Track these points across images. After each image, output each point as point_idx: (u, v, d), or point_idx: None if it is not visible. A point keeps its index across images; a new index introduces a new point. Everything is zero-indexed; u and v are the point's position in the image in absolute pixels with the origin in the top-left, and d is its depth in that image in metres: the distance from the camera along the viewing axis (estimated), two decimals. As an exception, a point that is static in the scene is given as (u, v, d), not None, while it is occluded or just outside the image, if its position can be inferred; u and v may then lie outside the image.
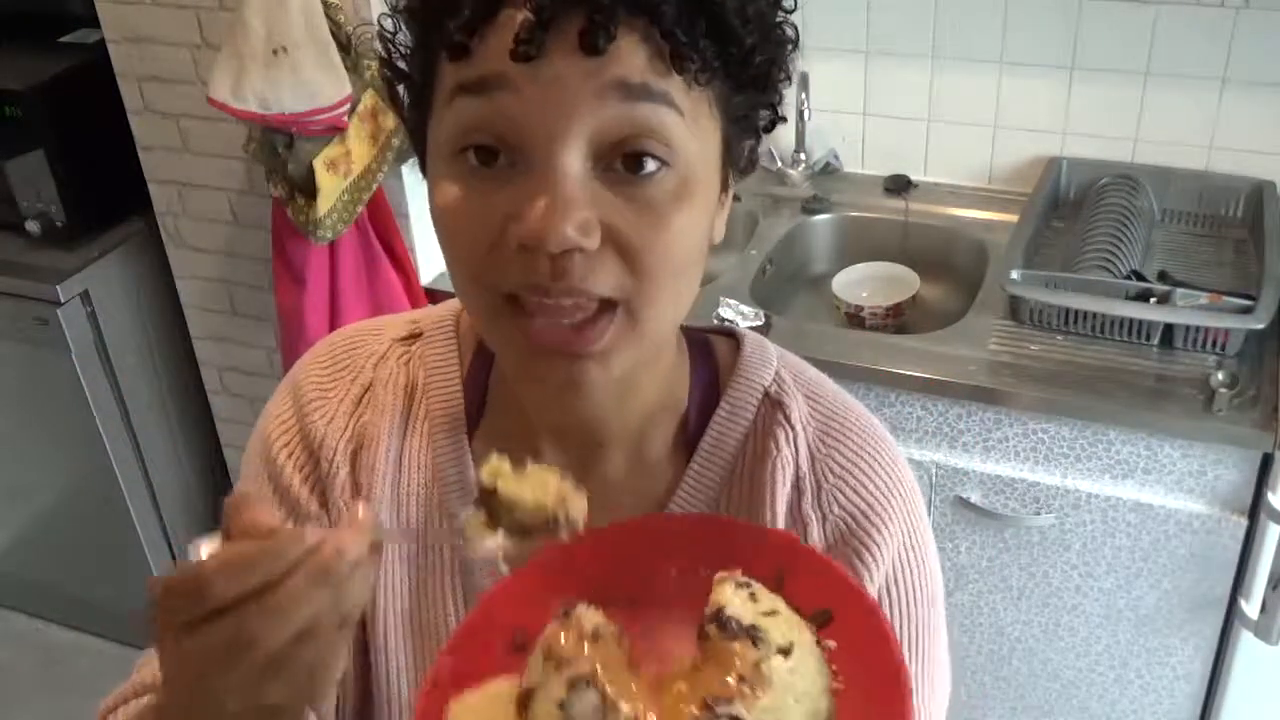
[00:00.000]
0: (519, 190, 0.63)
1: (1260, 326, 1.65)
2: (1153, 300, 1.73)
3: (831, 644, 0.64)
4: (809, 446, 0.79)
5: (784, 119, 0.74)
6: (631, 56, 0.62)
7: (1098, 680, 1.88)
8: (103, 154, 2.46)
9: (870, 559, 0.77)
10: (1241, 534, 1.67)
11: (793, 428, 0.78)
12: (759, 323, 1.84)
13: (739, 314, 1.85)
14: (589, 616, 0.65)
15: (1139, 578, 1.76)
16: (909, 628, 0.79)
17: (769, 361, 0.82)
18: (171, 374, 2.71)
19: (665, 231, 0.64)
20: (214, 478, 2.78)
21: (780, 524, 0.77)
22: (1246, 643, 1.73)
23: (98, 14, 2.32)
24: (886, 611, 0.77)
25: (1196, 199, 2.01)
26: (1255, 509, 1.66)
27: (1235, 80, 1.93)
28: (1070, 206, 2.07)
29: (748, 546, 0.68)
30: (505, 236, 0.63)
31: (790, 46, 0.70)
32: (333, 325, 2.13)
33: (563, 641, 0.64)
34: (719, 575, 0.64)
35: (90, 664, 2.79)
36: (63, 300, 2.38)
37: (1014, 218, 1.99)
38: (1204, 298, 1.72)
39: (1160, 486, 1.69)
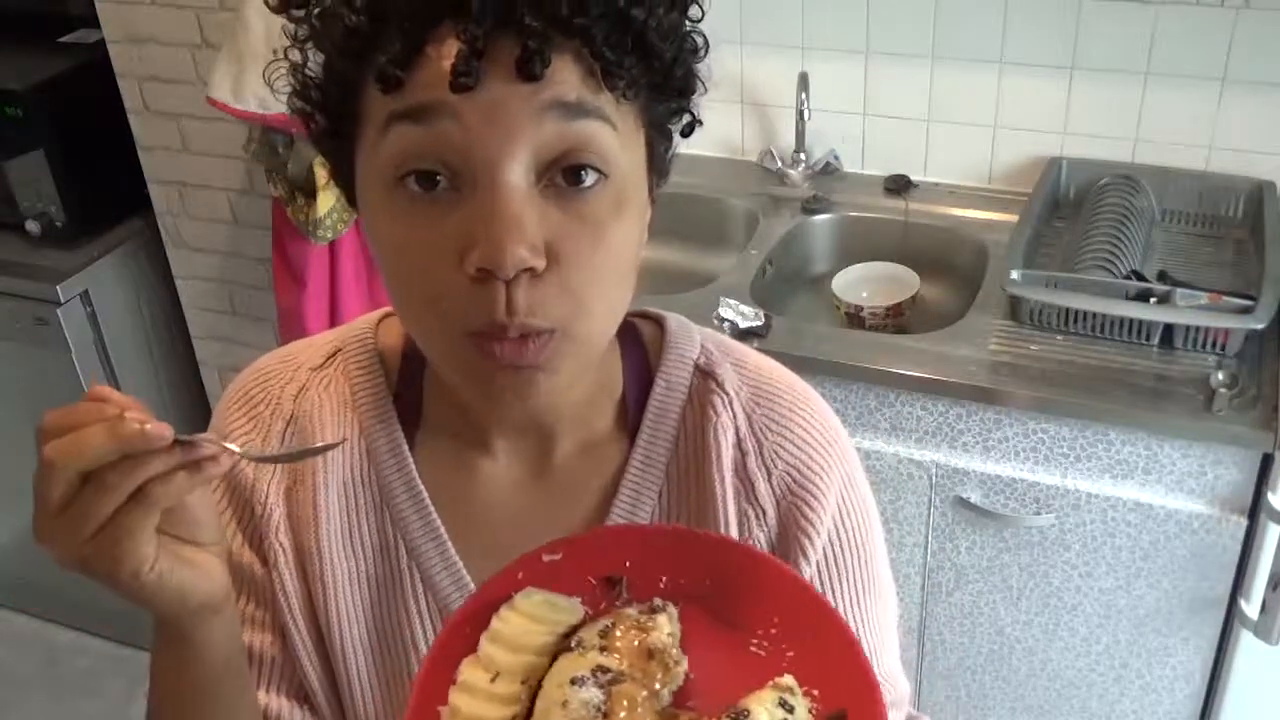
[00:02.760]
0: (466, 215, 0.64)
1: (1260, 326, 1.65)
2: (1153, 300, 1.73)
3: None
4: (744, 409, 0.83)
5: (700, 123, 0.77)
6: (566, 76, 0.64)
7: (1097, 680, 1.88)
8: (103, 154, 2.47)
9: (818, 506, 0.82)
10: (1241, 534, 1.67)
11: (727, 393, 0.83)
12: (759, 323, 1.84)
13: (739, 314, 1.85)
14: (662, 635, 0.66)
15: (1139, 578, 1.76)
16: (856, 561, 0.85)
17: (693, 338, 0.86)
18: (171, 374, 2.71)
19: (604, 245, 0.67)
20: (214, 478, 2.78)
21: (728, 483, 0.81)
22: (1246, 643, 1.73)
23: (98, 14, 2.33)
24: (836, 550, 0.83)
25: (1196, 199, 2.01)
26: (1255, 509, 1.66)
27: (1235, 80, 1.93)
28: (1070, 206, 2.07)
29: (842, 667, 0.66)
30: (459, 265, 0.64)
31: (701, 54, 0.73)
32: (332, 325, 2.13)
33: (622, 630, 0.65)
34: (781, 681, 0.65)
35: (90, 664, 2.79)
36: (63, 300, 2.38)
37: (1014, 218, 1.99)
38: (1204, 298, 1.72)
39: (1160, 486, 1.69)
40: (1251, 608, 1.70)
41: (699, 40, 0.73)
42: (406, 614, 0.82)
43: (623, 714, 0.61)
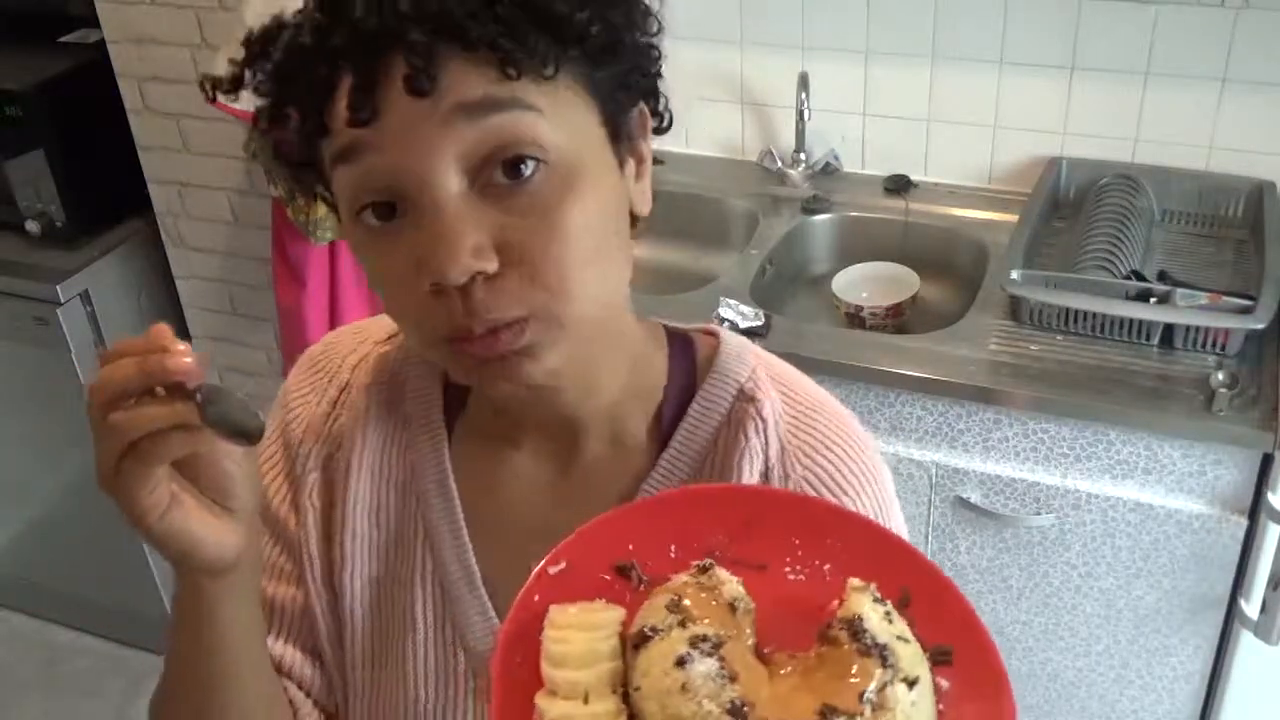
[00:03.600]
0: (414, 237, 0.66)
1: (1260, 326, 1.65)
2: (1153, 300, 1.73)
3: (944, 683, 0.62)
4: (779, 439, 0.81)
5: (659, 75, 0.75)
6: (463, 79, 0.64)
7: (1097, 680, 1.88)
8: (103, 154, 2.46)
9: None
10: (1241, 534, 1.67)
11: (764, 420, 0.81)
12: (759, 323, 1.84)
13: (739, 314, 1.85)
14: (731, 586, 0.64)
15: (1139, 578, 1.76)
16: None
17: (746, 360, 0.84)
18: (171, 374, 2.71)
19: (559, 230, 0.67)
20: (214, 478, 2.79)
21: None
22: (1246, 643, 1.73)
23: (98, 14, 2.33)
24: None
25: (1196, 199, 2.01)
26: (1255, 509, 1.66)
27: (1235, 80, 1.93)
28: (1070, 206, 2.07)
29: (877, 552, 0.67)
30: (418, 283, 0.66)
31: (638, 7, 0.71)
32: (333, 325, 2.13)
33: (691, 597, 0.62)
34: (855, 583, 0.63)
35: (90, 664, 2.79)
36: (63, 300, 2.38)
37: (1014, 218, 1.99)
38: (1204, 298, 1.72)
39: (1160, 486, 1.69)
40: (1251, 608, 1.70)
41: None
42: (410, 592, 0.84)
43: (744, 674, 0.58)
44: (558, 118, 0.67)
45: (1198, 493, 1.68)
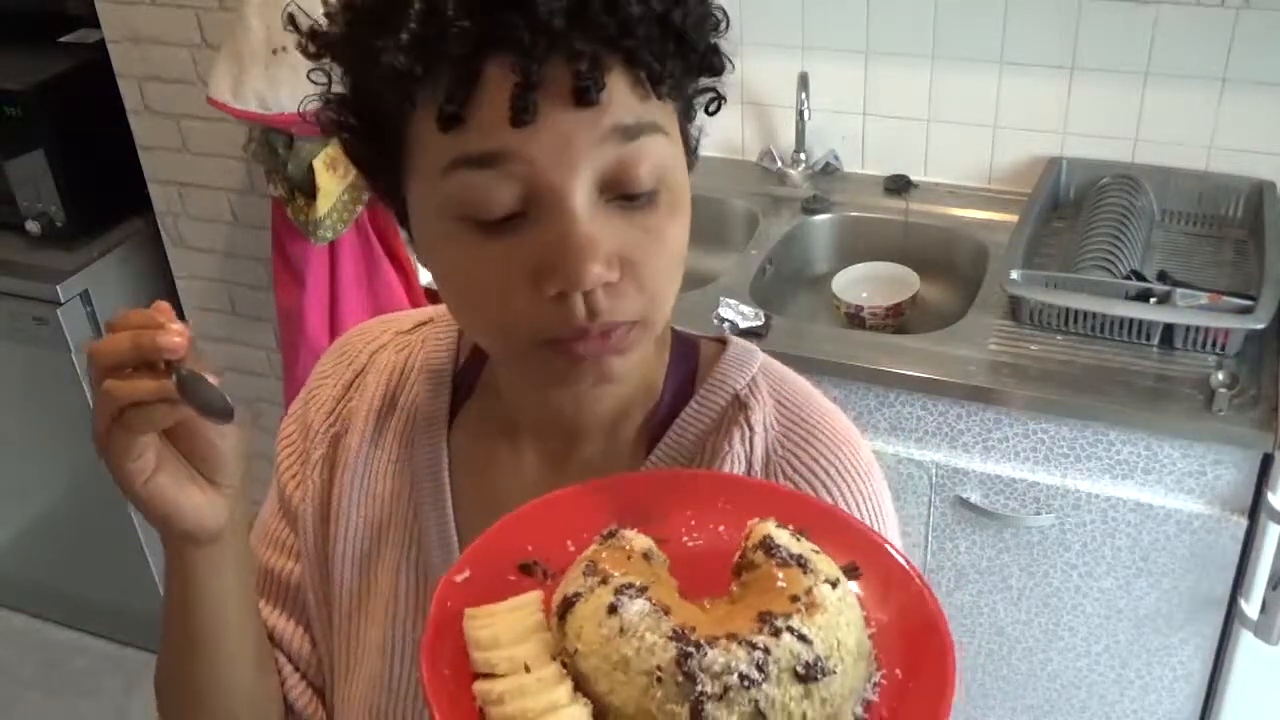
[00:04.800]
0: (537, 240, 0.65)
1: (1260, 326, 1.65)
2: (1153, 300, 1.73)
3: (860, 591, 0.64)
4: (766, 448, 0.80)
5: (725, 99, 0.77)
6: (619, 96, 0.64)
7: (1098, 680, 1.88)
8: (103, 154, 2.46)
9: None
10: (1241, 534, 1.67)
11: (751, 429, 0.80)
12: (759, 323, 1.84)
13: (739, 314, 1.85)
14: (640, 540, 0.65)
15: (1139, 578, 1.76)
16: None
17: (747, 367, 0.83)
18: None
19: (667, 246, 0.69)
20: (214, 478, 2.78)
21: None
22: (1246, 643, 1.73)
23: (98, 14, 2.32)
24: None
25: (1196, 199, 2.01)
26: (1255, 509, 1.66)
27: (1235, 80, 1.93)
28: (1070, 206, 2.07)
29: (765, 501, 0.69)
30: (534, 287, 0.66)
31: (724, 28, 0.73)
32: (333, 325, 2.13)
33: (605, 559, 0.63)
34: (754, 520, 0.65)
35: (90, 664, 2.79)
36: (63, 300, 2.38)
37: (1014, 218, 1.99)
38: (1204, 298, 1.72)
39: (1160, 486, 1.69)
40: (1251, 608, 1.70)
41: (718, 15, 0.72)
42: (394, 572, 0.85)
43: (675, 608, 0.59)
44: (673, 138, 0.69)
45: (1197, 493, 1.68)
